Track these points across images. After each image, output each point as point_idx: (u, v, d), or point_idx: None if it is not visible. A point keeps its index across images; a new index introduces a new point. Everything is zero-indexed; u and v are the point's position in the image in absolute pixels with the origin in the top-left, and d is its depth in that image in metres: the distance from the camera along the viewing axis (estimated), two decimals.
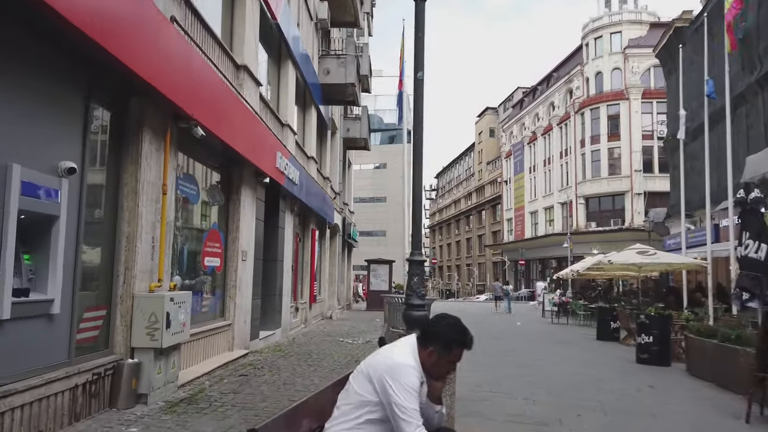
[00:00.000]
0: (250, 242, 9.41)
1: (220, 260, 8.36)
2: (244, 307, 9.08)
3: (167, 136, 6.01)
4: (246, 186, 9.10)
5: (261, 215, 10.20)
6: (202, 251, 7.67)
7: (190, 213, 7.37)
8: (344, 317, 19.97)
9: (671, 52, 29.89)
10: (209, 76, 6.77)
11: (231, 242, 8.77)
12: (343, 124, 23.01)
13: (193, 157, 7.39)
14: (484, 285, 71.39)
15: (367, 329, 14.76)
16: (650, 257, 18.71)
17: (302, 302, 14.70)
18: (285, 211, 12.17)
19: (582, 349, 12.10)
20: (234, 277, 8.70)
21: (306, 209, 14.66)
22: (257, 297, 10.02)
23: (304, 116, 15.47)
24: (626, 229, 43.60)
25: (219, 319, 8.40)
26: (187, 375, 6.55)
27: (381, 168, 60.49)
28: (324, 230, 18.41)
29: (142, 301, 5.36)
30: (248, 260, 9.28)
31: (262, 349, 9.85)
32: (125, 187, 5.46)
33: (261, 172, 9.48)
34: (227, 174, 8.78)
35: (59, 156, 4.47)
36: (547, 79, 58.66)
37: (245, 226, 9.08)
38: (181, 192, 6.93)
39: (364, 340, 11.70)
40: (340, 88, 17.39)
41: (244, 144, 8.03)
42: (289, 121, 12.33)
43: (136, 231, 5.42)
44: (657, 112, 45.18)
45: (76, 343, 4.73)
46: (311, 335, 12.79)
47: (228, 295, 8.66)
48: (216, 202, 8.31)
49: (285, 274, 12.22)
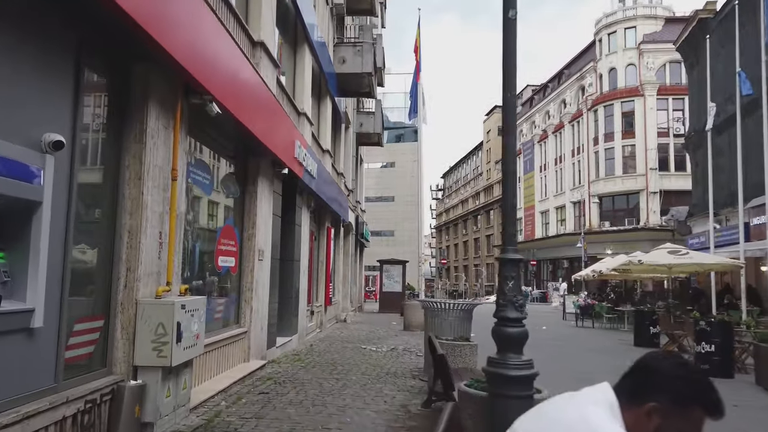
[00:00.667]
0: (267, 240, 8.46)
1: (235, 260, 7.41)
2: (260, 312, 8.13)
3: (177, 112, 5.05)
4: (263, 177, 8.14)
5: (278, 210, 9.25)
6: (216, 250, 6.72)
7: (202, 205, 6.42)
8: (358, 320, 19.01)
9: (694, 45, 28.79)
10: (226, 46, 5.81)
11: (246, 240, 7.81)
12: (356, 119, 22.05)
13: (205, 141, 6.43)
14: (492, 286, 70.29)
15: (386, 334, 13.79)
16: (682, 257, 17.69)
17: (317, 305, 13.75)
18: (302, 207, 11.22)
19: (627, 359, 11.05)
20: (250, 278, 7.75)
21: (322, 206, 13.70)
22: (274, 301, 9.07)
23: (319, 107, 14.52)
24: (641, 228, 42.47)
25: (234, 326, 7.44)
26: (199, 394, 5.59)
27: (388, 167, 59.48)
28: (339, 229, 17.45)
29: (147, 309, 4.40)
30: (265, 260, 8.32)
31: (280, 359, 8.89)
32: (127, 171, 4.51)
33: (279, 162, 8.53)
34: (243, 163, 7.82)
35: (43, 127, 3.52)
36: (558, 76, 57.55)
37: (262, 223, 8.12)
38: (192, 180, 5.97)
39: (388, 348, 10.73)
40: (356, 79, 16.44)
41: (262, 128, 7.07)
42: (306, 110, 11.37)
43: (140, 224, 4.47)
44: (673, 108, 44.05)
45: (64, 363, 3.77)
46: (329, 341, 11.82)
47: (243, 299, 7.70)
48: (231, 195, 7.36)
49: (302, 274, 11.27)
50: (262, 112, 7.11)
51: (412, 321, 15.09)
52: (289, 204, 10.48)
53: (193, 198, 6.06)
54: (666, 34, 44.67)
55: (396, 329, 15.40)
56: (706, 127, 21.53)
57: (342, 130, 18.14)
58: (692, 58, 29.35)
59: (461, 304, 7.14)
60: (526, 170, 60.98)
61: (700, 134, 27.82)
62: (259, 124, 6.92)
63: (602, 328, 19.26)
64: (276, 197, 9.04)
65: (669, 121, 43.79)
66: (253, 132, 6.62)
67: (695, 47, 28.50)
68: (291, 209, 10.58)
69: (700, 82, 28.13)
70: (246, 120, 6.28)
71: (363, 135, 22.75)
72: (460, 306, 7.12)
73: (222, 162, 7.06)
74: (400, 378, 7.36)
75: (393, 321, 18.79)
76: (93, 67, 4.17)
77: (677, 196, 42.43)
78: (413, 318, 15.10)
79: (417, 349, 10.60)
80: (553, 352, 11.34)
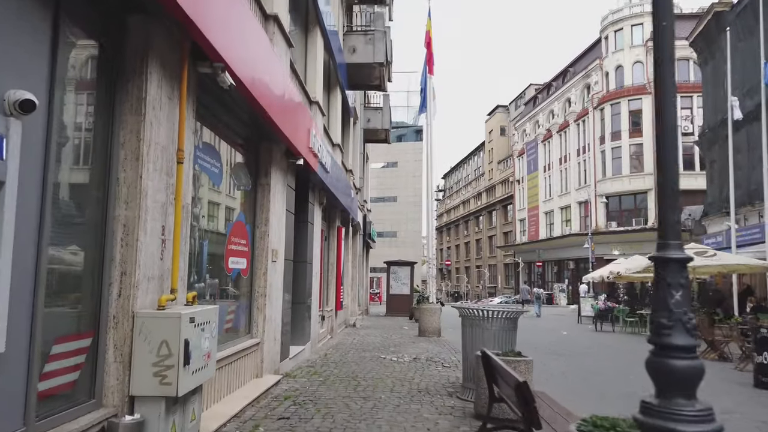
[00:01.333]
0: (281, 239, 7.53)
1: (247, 261, 6.49)
2: (274, 320, 7.21)
3: (183, 81, 4.14)
4: (276, 169, 7.22)
5: (291, 206, 8.33)
6: (226, 249, 5.80)
7: (211, 198, 5.49)
8: (367, 324, 18.08)
9: (708, 40, 27.97)
10: (238, 7, 4.89)
11: (259, 239, 6.89)
12: (364, 114, 21.15)
13: (214, 123, 5.51)
14: (495, 287, 69.42)
15: (401, 341, 12.86)
16: (709, 258, 16.84)
17: (328, 310, 12.82)
18: (314, 203, 10.30)
19: None
20: (263, 282, 6.82)
21: (333, 204, 12.79)
22: (287, 306, 8.14)
23: (329, 99, 13.61)
24: (649, 229, 41.63)
25: (245, 337, 6.52)
26: (208, 421, 4.66)
27: (391, 167, 58.54)
28: (348, 228, 16.53)
29: (147, 323, 3.48)
30: (279, 261, 7.40)
31: (294, 372, 7.96)
32: (122, 149, 3.59)
33: (292, 152, 7.61)
34: (255, 151, 6.90)
35: (6, 82, 2.61)
36: (562, 74, 56.77)
37: (275, 219, 7.20)
38: (200, 167, 5.06)
39: (409, 357, 9.79)
40: (367, 70, 15.55)
41: (277, 109, 6.15)
42: (318, 98, 10.46)
43: (138, 216, 3.55)
44: (681, 107, 43.25)
45: (38, 397, 2.85)
46: (343, 350, 10.89)
47: (256, 305, 6.78)
48: (242, 186, 6.44)
49: (314, 277, 10.35)
50: (276, 90, 6.19)
51: (428, 327, 14.17)
52: (301, 200, 9.57)
53: (200, 188, 5.14)
54: None
55: (410, 335, 14.48)
56: (735, 116, 20.69)
57: (351, 125, 17.24)
58: (706, 53, 28.53)
59: (506, 312, 6.22)
60: (530, 170, 60.16)
61: (715, 131, 27.00)
62: (274, 105, 6.00)
63: (623, 332, 18.37)
64: (289, 192, 8.12)
65: (677, 120, 42.98)
66: (269, 112, 5.69)
67: (710, 42, 27.67)
68: (303, 206, 9.67)
69: (715, 78, 27.31)
70: (261, 97, 5.36)
71: (370, 131, 21.84)
72: (505, 314, 6.20)
73: (232, 148, 6.14)
74: (435, 396, 6.44)
75: (404, 325, 17.87)
76: (75, 13, 3.24)
77: (686, 196, 41.56)
78: (429, 323, 14.19)
79: (441, 359, 9.68)
80: (582, 361, 10.44)
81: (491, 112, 77.02)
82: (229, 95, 5.45)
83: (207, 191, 5.36)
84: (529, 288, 27.42)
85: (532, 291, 26.51)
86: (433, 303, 14.90)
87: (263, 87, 5.48)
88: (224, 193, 5.83)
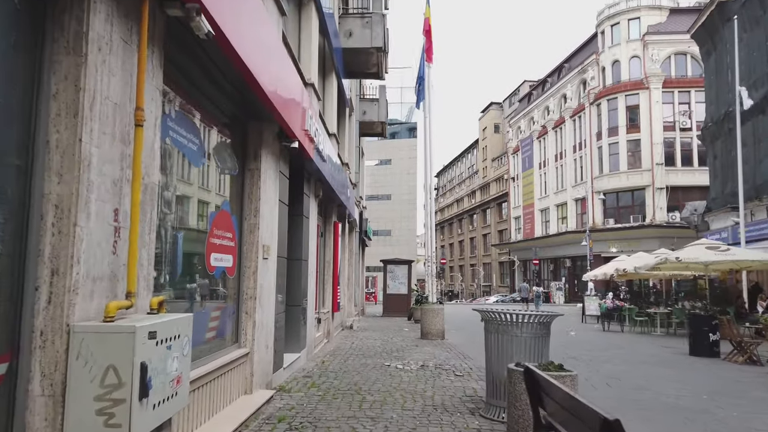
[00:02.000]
0: (273, 233, 6.57)
1: (233, 258, 5.52)
2: (266, 326, 6.25)
3: (144, 20, 3.16)
4: (268, 152, 6.26)
5: (285, 197, 7.37)
6: (207, 243, 4.83)
7: (189, 180, 4.52)
8: (365, 326, 17.13)
9: (711, 31, 27.27)
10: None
11: (248, 232, 5.93)
12: (359, 107, 20.20)
13: (191, 90, 4.53)
14: (489, 286, 68.74)
15: (403, 344, 11.93)
16: (723, 254, 16.06)
17: (324, 311, 11.86)
18: (310, 195, 9.34)
19: (694, 371, 9.30)
20: (252, 282, 5.86)
21: (329, 197, 11.83)
22: (281, 310, 7.18)
23: (324, 84, 12.65)
24: (648, 225, 41.03)
25: (232, 347, 5.55)
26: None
27: (385, 164, 57.60)
28: (345, 224, 15.57)
29: (88, 341, 2.51)
30: (271, 258, 6.44)
31: (290, 385, 7.00)
32: (53, 101, 2.62)
33: (286, 134, 6.65)
34: (242, 130, 5.93)
35: None
36: (558, 70, 56.11)
37: (267, 211, 6.24)
38: (173, 142, 4.09)
39: (416, 364, 8.86)
40: (364, 56, 14.61)
41: (268, 78, 5.18)
42: (313, 80, 9.50)
43: (76, 194, 2.58)
44: (679, 102, 42.67)
45: None
46: (342, 356, 9.94)
47: (244, 310, 5.81)
48: (227, 170, 5.47)
49: (310, 277, 9.40)
50: (266, 54, 5.22)
51: (431, 329, 13.26)
52: (296, 191, 8.60)
53: (173, 167, 4.17)
54: (671, 25, 43.31)
55: (411, 337, 13.55)
56: (745, 106, 19.97)
57: (347, 116, 16.28)
58: (709, 45, 27.81)
59: (538, 316, 5.30)
60: (525, 167, 59.45)
61: (718, 124, 26.31)
62: (264, 73, 5.03)
63: (632, 332, 17.57)
64: (282, 180, 7.16)
65: (675, 115, 42.40)
66: (258, 78, 4.72)
67: (712, 33, 26.98)
68: (298, 198, 8.71)
69: (719, 70, 26.63)
70: (247, 56, 4.39)
71: (366, 124, 20.90)
72: (538, 318, 5.28)
73: (214, 124, 5.16)
74: (455, 415, 5.51)
75: (404, 327, 16.94)
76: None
77: (684, 192, 41.02)
78: (432, 325, 13.27)
79: (451, 366, 8.76)
80: (606, 368, 9.57)
81: (485, 109, 76.32)
82: (208, 55, 4.49)
83: (182, 172, 4.38)
84: (529, 286, 26.58)
85: (531, 289, 25.66)
86: (435, 303, 13.97)
87: (251, 44, 4.52)
88: (205, 177, 4.86)
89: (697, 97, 42.48)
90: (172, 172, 4.13)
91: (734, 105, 24.83)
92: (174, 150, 4.14)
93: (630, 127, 43.78)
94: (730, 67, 25.78)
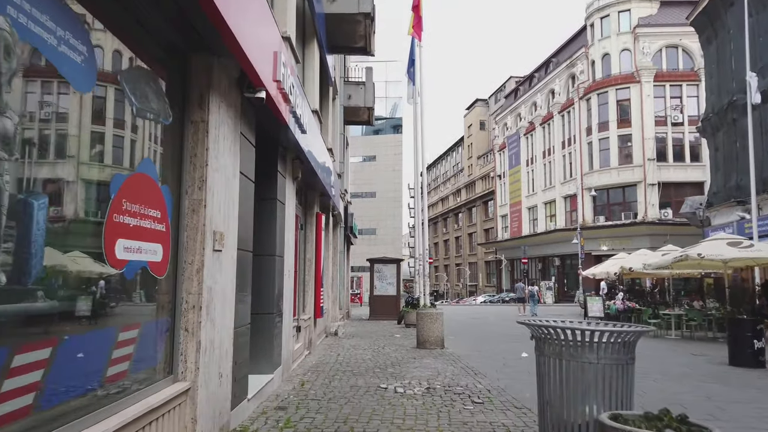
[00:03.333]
0: (231, 217, 4.73)
1: (163, 249, 3.67)
2: (219, 346, 4.41)
3: None
4: (221, 101, 4.43)
5: (251, 171, 5.52)
6: (108, 224, 2.97)
7: (60, 110, 2.66)
8: (352, 331, 15.32)
9: (712, 17, 26.03)
10: None
11: (190, 212, 4.08)
12: (344, 90, 18.36)
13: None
14: (476, 286, 67.37)
15: (398, 356, 10.16)
16: (747, 250, 14.64)
17: (305, 318, 10.02)
18: (286, 175, 7.49)
19: (760, 391, 7.69)
20: (196, 285, 4.02)
21: (311, 182, 10.00)
22: (244, 320, 5.34)
23: (305, 52, 10.82)
24: (640, 222, 39.93)
25: (162, 382, 3.69)
26: None
27: (369, 161, 55.80)
28: (329, 217, 13.73)
29: None
30: (227, 252, 4.60)
31: (255, 424, 5.15)
32: None
33: (250, 80, 4.84)
34: (180, 64, 4.09)
35: None
36: (545, 65, 54.98)
37: (220, 183, 4.41)
38: (23, 35, 2.25)
39: (420, 386, 7.07)
40: (350, 24, 12.84)
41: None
42: (290, 34, 7.66)
43: None
44: (670, 96, 41.67)
45: None
46: (327, 373, 8.12)
47: (183, 325, 3.97)
48: (150, 114, 3.59)
49: (287, 277, 7.55)
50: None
51: (429, 336, 11.50)
52: (267, 167, 6.77)
53: (21, 82, 2.32)
54: (662, 17, 42.30)
55: (405, 346, 11.79)
56: (753, 99, 18.64)
57: (330, 96, 14.45)
58: (710, 32, 26.57)
59: (619, 333, 3.56)
60: (512, 165, 58.14)
61: (720, 115, 25.07)
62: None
63: (645, 336, 16.02)
64: (246, 147, 5.32)
65: (666, 110, 41.38)
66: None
67: (714, 19, 25.75)
68: (270, 176, 6.87)
69: (720, 57, 25.40)
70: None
71: (351, 110, 19.08)
72: (619, 336, 3.54)
73: (129, 41, 3.30)
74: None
75: (395, 332, 15.18)
76: None
77: (677, 189, 40.00)
78: (430, 332, 11.51)
79: (464, 388, 7.00)
80: (650, 386, 7.90)
81: (470, 106, 74.99)
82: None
83: (44, 94, 2.53)
84: (524, 285, 25.07)
85: (527, 289, 24.14)
86: (434, 307, 12.21)
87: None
88: (100, 113, 3.01)
89: (688, 91, 41.58)
90: (15, 88, 2.27)
91: (738, 94, 23.52)
92: (25, 47, 2.29)
93: (621, 121, 42.71)
94: (734, 54, 24.49)
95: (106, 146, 3.05)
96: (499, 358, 10.29)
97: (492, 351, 11.50)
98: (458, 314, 26.23)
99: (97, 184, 2.94)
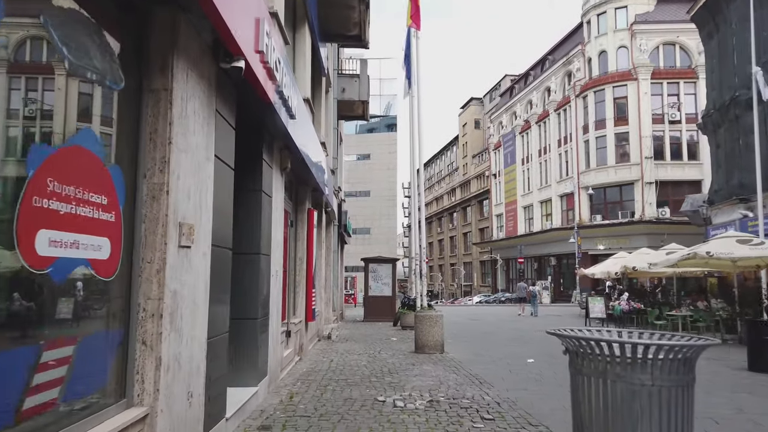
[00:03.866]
0: (202, 207, 4.01)
1: (111, 243, 2.94)
2: (187, 361, 3.68)
3: None
4: (189, 68, 3.70)
5: (230, 156, 4.79)
6: (23, 207, 2.24)
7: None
8: (346, 334, 14.61)
9: (714, 11, 25.53)
10: None
11: (149, 199, 3.35)
12: (338, 83, 17.64)
13: None
14: (471, 285, 66.80)
15: (396, 361, 9.46)
16: (757, 248, 14.06)
17: (295, 322, 9.29)
18: (272, 165, 6.76)
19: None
20: (156, 288, 3.29)
21: (302, 175, 9.27)
22: (222, 329, 4.61)
23: (295, 36, 10.09)
24: (637, 221, 39.47)
25: (112, 408, 2.96)
26: None
27: (364, 159, 55.05)
28: (322, 213, 13.00)
29: None
30: (198, 248, 3.88)
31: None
32: None
33: (225, 46, 4.12)
34: (138, 20, 3.36)
35: None
36: (541, 63, 54.44)
37: (188, 166, 3.69)
38: None
39: (421, 398, 6.37)
40: (344, 9, 12.16)
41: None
42: (277, 9, 6.94)
43: None
44: (668, 93, 41.21)
45: None
46: (318, 383, 7.40)
47: (140, 337, 3.24)
48: (94, 76, 2.86)
49: (274, 278, 6.82)
50: None
51: (428, 341, 10.80)
52: (251, 155, 6.05)
53: None
54: (659, 14, 41.85)
55: (403, 350, 11.09)
56: (764, 95, 18.09)
57: (323, 87, 13.72)
58: (711, 26, 26.06)
59: (676, 348, 2.87)
60: (507, 163, 57.57)
61: (722, 111, 24.54)
62: None
63: None
64: (222, 125, 4.59)
65: (664, 107, 40.92)
66: None
67: (715, 12, 25.24)
68: (255, 165, 6.14)
69: (722, 53, 24.89)
70: None
71: (345, 104, 18.35)
72: (676, 351, 2.86)
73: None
74: None
75: (391, 335, 14.48)
76: None
77: (674, 187, 39.55)
78: (429, 336, 10.82)
79: (471, 400, 6.31)
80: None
81: (465, 105, 74.43)
82: None
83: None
84: (526, 285, 24.46)
85: (528, 288, 23.53)
86: (433, 310, 11.52)
87: None
88: (8, 59, 2.28)
89: (686, 88, 41.15)
90: None
91: (740, 90, 22.99)
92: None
93: (618, 119, 42.24)
94: (737, 49, 23.97)
95: (19, 105, 2.32)
96: (504, 364, 9.61)
97: (494, 355, 10.82)
98: (455, 315, 25.58)
99: (5, 156, 2.21)
